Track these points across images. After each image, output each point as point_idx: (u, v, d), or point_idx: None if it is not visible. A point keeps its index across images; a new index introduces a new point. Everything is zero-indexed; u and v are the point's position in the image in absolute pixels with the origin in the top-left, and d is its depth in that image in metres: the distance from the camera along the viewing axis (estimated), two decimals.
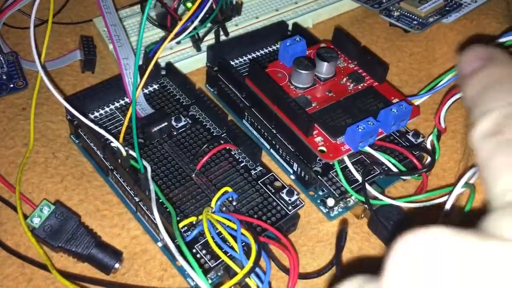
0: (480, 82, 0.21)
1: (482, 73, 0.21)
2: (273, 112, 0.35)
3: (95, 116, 0.36)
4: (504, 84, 0.20)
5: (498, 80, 0.21)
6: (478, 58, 0.22)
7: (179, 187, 0.33)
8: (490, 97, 0.20)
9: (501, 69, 0.21)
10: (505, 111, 0.19)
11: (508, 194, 0.17)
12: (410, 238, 0.15)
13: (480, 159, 0.19)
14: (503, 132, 0.18)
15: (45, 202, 0.31)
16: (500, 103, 0.20)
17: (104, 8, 0.38)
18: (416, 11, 0.41)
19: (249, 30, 0.44)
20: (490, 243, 0.15)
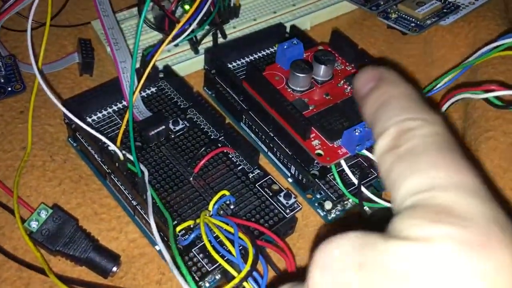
0: (374, 103, 0.24)
1: (375, 93, 0.25)
2: (270, 115, 0.35)
3: (93, 120, 0.36)
4: (394, 103, 0.23)
5: (388, 100, 0.24)
6: (370, 79, 0.25)
7: (176, 190, 0.33)
8: (385, 116, 0.23)
9: (390, 88, 0.24)
10: (398, 127, 0.22)
11: (406, 200, 0.19)
12: (323, 248, 0.19)
13: (382, 172, 0.22)
14: (399, 146, 0.21)
15: (43, 206, 0.31)
16: (393, 120, 0.22)
17: (102, 11, 0.38)
18: (413, 14, 0.41)
19: (247, 33, 0.44)
20: (390, 243, 0.18)
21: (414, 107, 0.23)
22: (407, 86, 0.24)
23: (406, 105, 0.23)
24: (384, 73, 0.26)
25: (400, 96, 0.24)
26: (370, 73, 0.26)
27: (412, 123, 0.22)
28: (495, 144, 0.32)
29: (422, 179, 0.20)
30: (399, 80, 0.25)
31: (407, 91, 0.24)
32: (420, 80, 0.42)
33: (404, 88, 0.24)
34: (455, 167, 0.20)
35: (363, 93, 0.26)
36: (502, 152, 0.32)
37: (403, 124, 0.22)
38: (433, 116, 0.22)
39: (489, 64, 0.37)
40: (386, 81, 0.25)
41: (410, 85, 0.25)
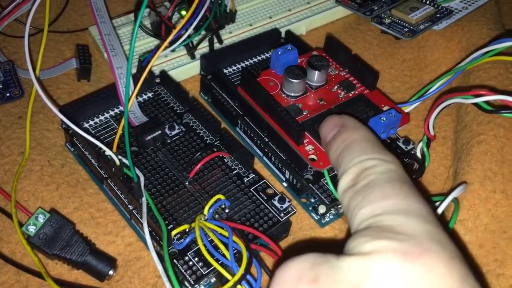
0: (338, 147, 0.28)
1: (338, 139, 0.28)
2: (264, 121, 0.35)
3: (90, 125, 0.37)
4: (355, 146, 0.27)
5: (350, 143, 0.27)
6: (333, 126, 0.29)
7: (172, 194, 0.33)
8: (346, 159, 0.27)
9: (351, 133, 0.28)
10: (358, 167, 0.25)
11: (359, 225, 0.23)
12: (282, 266, 0.22)
13: (343, 208, 0.25)
14: (357, 183, 0.25)
15: (40, 210, 0.32)
16: (354, 161, 0.26)
17: (99, 18, 0.38)
18: (407, 19, 0.41)
19: (243, 38, 0.44)
20: (342, 258, 0.21)
21: (372, 149, 0.26)
22: (366, 131, 0.28)
23: (365, 147, 0.27)
24: (346, 120, 0.29)
25: (360, 139, 0.27)
26: (333, 121, 0.29)
27: (370, 162, 0.25)
28: (487, 148, 0.33)
29: (374, 207, 0.23)
30: (359, 125, 0.29)
31: (366, 135, 0.28)
32: (414, 85, 0.43)
33: (363, 132, 0.28)
34: (403, 196, 0.23)
35: (328, 139, 0.29)
36: (493, 155, 0.32)
37: (362, 164, 0.25)
38: (389, 156, 0.26)
39: (481, 68, 0.38)
40: (347, 127, 0.29)
41: (369, 130, 0.28)
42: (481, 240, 0.30)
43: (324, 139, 0.30)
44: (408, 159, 0.35)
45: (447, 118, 0.39)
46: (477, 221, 0.31)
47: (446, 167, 0.37)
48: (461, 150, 0.35)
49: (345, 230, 0.34)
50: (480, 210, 0.31)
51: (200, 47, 0.43)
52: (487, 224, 0.30)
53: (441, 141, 0.38)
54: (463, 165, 0.33)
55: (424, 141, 0.35)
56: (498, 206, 0.31)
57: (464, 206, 0.31)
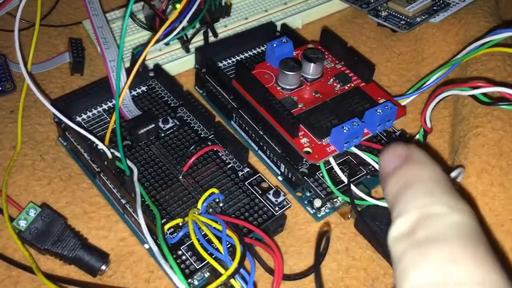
0: (398, 183, 0.23)
1: (400, 173, 0.23)
2: (259, 114, 0.35)
3: (83, 119, 0.36)
4: (418, 187, 0.22)
5: (413, 182, 0.22)
6: (397, 157, 0.24)
7: (166, 188, 0.33)
8: (406, 199, 0.22)
9: (417, 169, 0.23)
10: (418, 214, 0.21)
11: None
12: None
13: (393, 257, 0.21)
14: (415, 234, 0.20)
15: (31, 205, 0.31)
16: (414, 205, 0.21)
17: (91, 10, 0.38)
18: (403, 11, 0.41)
19: (239, 31, 0.44)
20: None
21: (441, 192, 0.21)
22: (436, 169, 0.23)
23: (433, 189, 0.22)
24: (413, 151, 0.24)
25: (427, 179, 0.22)
26: (397, 151, 0.24)
27: (437, 208, 0.20)
28: (484, 141, 0.32)
29: (437, 271, 0.18)
30: (428, 161, 0.23)
31: (436, 175, 0.22)
32: (411, 78, 0.42)
33: (432, 170, 0.23)
34: (477, 262, 0.18)
35: (387, 171, 0.24)
36: (490, 148, 0.32)
37: (426, 209, 0.21)
38: (461, 205, 0.21)
39: (478, 61, 0.37)
40: (414, 161, 0.23)
41: (440, 168, 0.23)
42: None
43: (383, 170, 0.24)
44: None
45: (444, 111, 0.39)
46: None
47: (443, 161, 0.36)
48: (458, 143, 0.34)
49: (340, 224, 0.34)
50: (477, 203, 0.31)
51: (195, 40, 0.43)
52: (484, 217, 0.30)
53: (438, 134, 0.38)
54: (460, 158, 0.33)
55: (420, 134, 0.35)
56: (496, 199, 0.30)
57: None
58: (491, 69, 0.36)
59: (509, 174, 0.31)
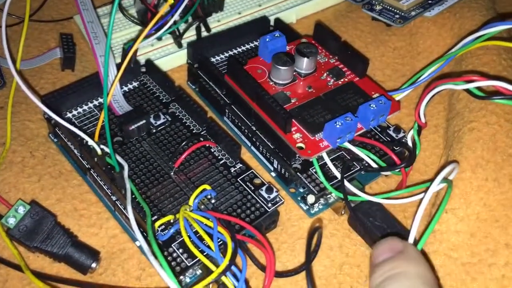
0: (384, 274, 0.23)
1: (389, 265, 0.24)
2: (252, 109, 0.35)
3: (73, 115, 0.36)
4: (403, 281, 0.22)
5: (400, 276, 0.23)
6: (391, 250, 0.24)
7: (157, 185, 0.32)
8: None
9: (406, 265, 0.23)
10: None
11: None
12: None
13: None
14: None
15: (20, 202, 0.31)
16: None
17: (81, 5, 0.37)
18: (398, 5, 0.41)
19: (232, 26, 0.44)
20: None
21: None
22: (426, 269, 0.23)
23: (416, 285, 0.22)
24: (408, 248, 0.25)
25: (414, 275, 0.23)
26: (393, 244, 0.25)
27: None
28: (478, 135, 0.32)
29: None
30: (421, 260, 0.24)
31: (424, 274, 0.23)
32: (405, 72, 0.42)
33: (422, 269, 0.23)
34: None
35: (377, 262, 0.25)
36: (485, 143, 0.32)
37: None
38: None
39: (473, 55, 0.37)
40: (406, 256, 0.24)
41: (430, 269, 0.23)
42: (472, 229, 0.29)
43: (373, 260, 0.25)
44: (398, 147, 0.35)
45: (439, 106, 0.38)
46: (469, 209, 0.30)
47: (438, 156, 0.36)
48: (452, 137, 0.34)
49: (334, 220, 0.33)
50: (471, 198, 0.30)
51: (187, 35, 0.42)
52: (479, 212, 0.30)
53: (433, 129, 0.38)
54: (454, 153, 0.32)
55: (415, 128, 0.34)
56: (490, 194, 0.30)
57: (456, 195, 0.30)
58: (486, 63, 0.36)
59: (504, 169, 0.31)
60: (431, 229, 0.28)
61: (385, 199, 0.31)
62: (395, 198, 0.32)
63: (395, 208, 0.33)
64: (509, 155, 0.31)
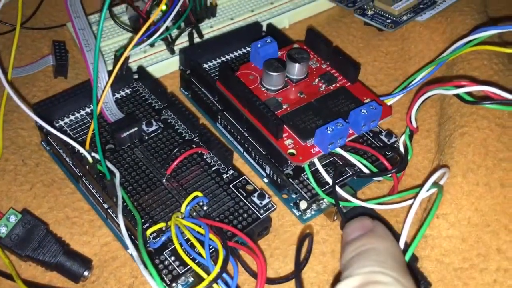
0: (354, 250, 0.24)
1: (358, 242, 0.25)
2: (244, 115, 0.35)
3: (65, 122, 0.36)
4: (371, 255, 0.23)
5: (367, 251, 0.24)
6: (361, 228, 0.26)
7: (149, 192, 0.32)
8: (357, 264, 0.23)
9: (375, 241, 0.24)
10: (363, 279, 0.22)
11: None
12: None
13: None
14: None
15: (12, 211, 0.31)
16: (361, 270, 0.22)
17: (73, 13, 0.37)
18: (389, 10, 0.41)
19: (224, 32, 0.44)
20: None
21: (391, 265, 0.22)
22: (394, 245, 0.24)
23: (385, 260, 0.23)
24: (377, 226, 0.26)
25: (382, 250, 0.24)
26: (362, 223, 0.26)
27: (383, 277, 0.22)
28: (469, 140, 0.32)
29: None
30: (389, 237, 0.25)
31: (392, 250, 0.24)
32: (398, 77, 0.42)
33: (390, 244, 0.24)
34: None
35: (348, 240, 0.26)
36: (476, 147, 0.32)
37: (372, 276, 0.22)
38: (407, 279, 0.22)
39: (464, 59, 0.37)
40: (374, 234, 0.25)
41: (398, 246, 0.25)
42: (464, 234, 0.29)
43: (345, 238, 0.27)
44: (390, 152, 0.35)
45: (431, 111, 0.38)
46: (460, 214, 0.30)
47: (430, 160, 0.36)
48: (444, 142, 0.34)
49: (327, 225, 0.33)
50: (463, 203, 0.30)
51: (180, 41, 0.42)
52: (470, 217, 0.30)
53: (425, 134, 0.38)
54: (446, 158, 0.32)
55: (406, 133, 0.34)
56: (481, 199, 0.30)
57: (447, 200, 0.31)
58: (477, 68, 0.36)
59: (495, 173, 0.31)
60: (422, 234, 0.28)
61: (377, 204, 0.31)
62: (387, 203, 0.32)
63: (388, 213, 0.33)
64: (500, 159, 0.31)
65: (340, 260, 0.25)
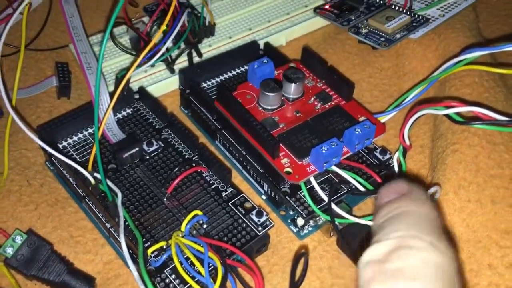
0: (388, 214, 0.23)
1: (393, 205, 0.23)
2: (241, 135, 0.36)
3: (69, 143, 0.37)
4: (407, 219, 0.22)
5: (401, 214, 0.22)
6: (396, 192, 0.24)
7: (150, 211, 0.33)
8: (390, 228, 0.21)
9: (412, 205, 0.22)
10: (396, 243, 0.20)
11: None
12: None
13: (360, 281, 0.20)
14: (387, 262, 0.20)
15: (17, 232, 0.32)
16: (395, 234, 0.21)
17: (75, 36, 0.38)
18: (383, 28, 0.42)
19: (223, 50, 0.45)
20: None
21: (427, 230, 0.21)
22: (432, 210, 0.22)
23: (420, 224, 0.21)
24: (414, 190, 0.24)
25: (419, 215, 0.22)
26: (398, 186, 0.24)
27: (417, 243, 0.20)
28: (461, 157, 0.33)
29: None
30: (427, 201, 0.23)
31: (429, 214, 0.22)
32: (393, 93, 0.43)
33: (428, 210, 0.22)
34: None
35: (382, 202, 0.24)
36: (467, 164, 0.33)
37: (406, 240, 0.20)
38: (444, 246, 0.20)
39: (456, 76, 0.38)
40: (412, 197, 0.23)
41: (434, 210, 0.23)
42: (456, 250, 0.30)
43: (379, 201, 0.24)
44: (384, 170, 0.35)
45: (424, 127, 0.39)
46: (452, 231, 0.31)
47: (424, 176, 0.37)
48: (436, 159, 0.35)
49: (323, 241, 0.34)
50: (454, 219, 0.31)
51: (180, 61, 0.43)
52: (462, 233, 0.31)
53: (419, 150, 0.39)
54: (438, 175, 0.33)
55: (400, 151, 0.35)
56: (473, 215, 0.31)
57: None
58: (468, 85, 0.37)
59: (486, 190, 0.31)
60: None
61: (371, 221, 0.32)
62: None
63: None
64: (490, 176, 0.32)
65: (371, 225, 0.24)
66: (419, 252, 0.20)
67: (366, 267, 0.20)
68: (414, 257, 0.19)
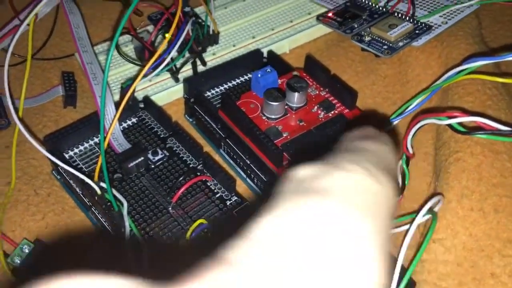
0: (347, 145, 0.22)
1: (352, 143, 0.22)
2: (245, 144, 0.36)
3: (75, 153, 0.37)
4: (365, 151, 0.20)
5: (363, 147, 0.21)
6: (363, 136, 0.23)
7: (155, 220, 0.34)
8: (348, 156, 0.20)
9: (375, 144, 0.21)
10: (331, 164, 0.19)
11: None
12: None
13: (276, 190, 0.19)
14: (313, 178, 0.18)
15: (25, 241, 0.32)
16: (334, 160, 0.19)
17: (81, 47, 0.39)
18: (386, 36, 0.42)
19: (227, 59, 0.45)
20: None
21: (380, 165, 0.19)
22: (394, 154, 0.22)
23: (375, 159, 0.20)
24: (382, 135, 0.23)
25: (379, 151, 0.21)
26: (366, 131, 0.24)
27: (354, 167, 0.19)
28: (463, 166, 0.33)
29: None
30: (393, 146, 0.22)
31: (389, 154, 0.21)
32: (396, 101, 0.43)
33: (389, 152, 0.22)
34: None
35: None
36: (470, 173, 0.33)
37: (343, 163, 0.19)
38: (387, 179, 0.19)
39: (459, 84, 0.38)
40: (377, 139, 0.22)
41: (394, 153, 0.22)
42: (459, 258, 0.30)
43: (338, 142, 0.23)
44: None
45: (427, 135, 0.40)
46: (455, 239, 0.31)
47: (427, 183, 0.37)
48: (439, 167, 0.35)
49: None
50: (458, 228, 0.31)
51: (185, 69, 0.44)
52: (465, 242, 0.31)
53: (422, 157, 0.39)
54: (441, 183, 0.34)
55: (403, 159, 0.35)
56: (476, 224, 0.31)
57: (443, 225, 0.32)
58: (471, 93, 0.37)
59: (488, 199, 0.32)
60: (418, 259, 0.29)
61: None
62: None
63: None
64: (493, 185, 0.32)
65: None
66: (355, 174, 0.18)
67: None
68: (347, 179, 0.18)
